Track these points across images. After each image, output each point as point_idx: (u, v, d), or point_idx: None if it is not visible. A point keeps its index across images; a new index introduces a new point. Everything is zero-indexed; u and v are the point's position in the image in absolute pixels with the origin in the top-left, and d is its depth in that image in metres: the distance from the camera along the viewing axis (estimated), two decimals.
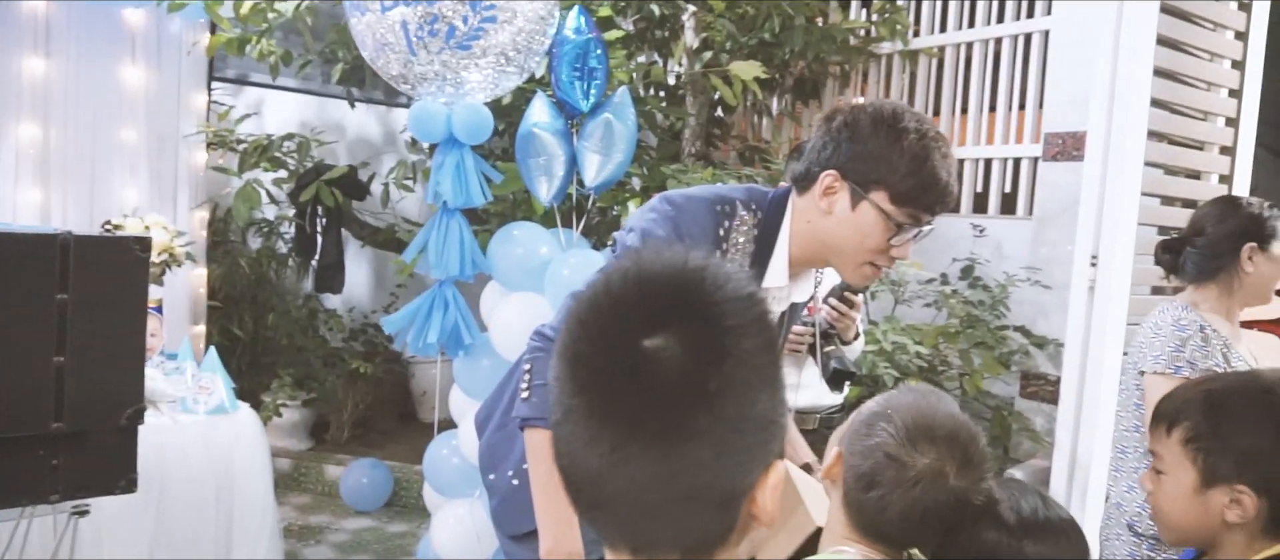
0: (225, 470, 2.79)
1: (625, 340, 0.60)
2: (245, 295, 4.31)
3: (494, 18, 2.45)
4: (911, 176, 1.31)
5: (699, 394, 0.60)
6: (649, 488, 0.60)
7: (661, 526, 0.62)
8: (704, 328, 0.60)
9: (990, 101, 4.02)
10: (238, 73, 4.61)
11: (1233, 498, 1.13)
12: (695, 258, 0.63)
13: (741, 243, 1.41)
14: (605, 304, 0.63)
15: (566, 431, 0.63)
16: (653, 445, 0.60)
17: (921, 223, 1.35)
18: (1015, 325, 3.48)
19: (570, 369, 0.63)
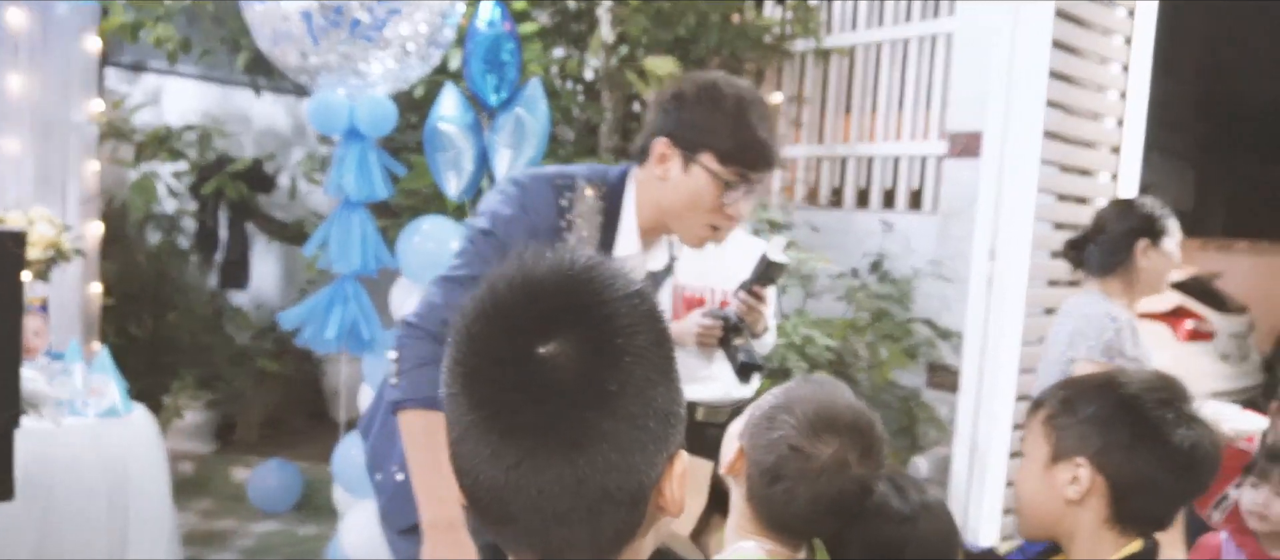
0: (118, 476, 2.67)
1: (520, 350, 0.60)
2: (143, 292, 4.13)
3: (398, 10, 2.41)
4: (733, 137, 1.40)
5: (600, 396, 0.60)
6: (559, 495, 0.60)
7: (573, 532, 0.62)
8: (598, 329, 0.61)
9: (898, 100, 4.12)
10: (133, 59, 4.41)
11: (1073, 475, 1.15)
12: (581, 259, 0.63)
13: (586, 216, 1.48)
14: (494, 313, 0.62)
15: (467, 449, 0.62)
16: (559, 453, 0.59)
17: (749, 181, 1.44)
18: (921, 318, 3.58)
19: (465, 385, 0.62)
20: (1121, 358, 2.02)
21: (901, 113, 4.09)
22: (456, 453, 0.64)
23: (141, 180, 3.63)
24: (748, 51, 4.33)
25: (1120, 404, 1.14)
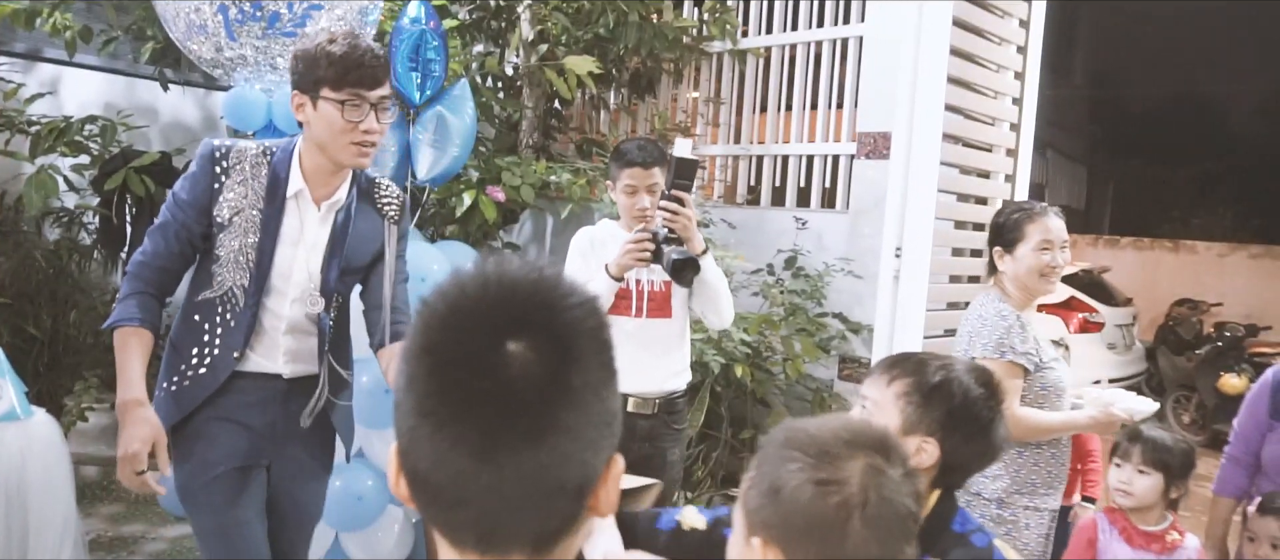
0: (16, 482, 2.56)
1: (491, 344, 0.63)
2: (41, 290, 3.96)
3: (320, 5, 2.39)
4: (332, 66, 1.75)
5: (564, 391, 0.65)
6: (516, 483, 0.64)
7: (522, 520, 0.66)
8: (563, 330, 0.65)
9: (812, 101, 4.26)
10: (28, 47, 4.21)
11: (919, 446, 1.37)
12: (548, 268, 0.68)
13: (248, 172, 1.85)
14: (467, 309, 0.65)
15: (425, 434, 0.65)
16: (523, 442, 0.63)
17: (362, 97, 1.77)
18: (833, 312, 3.72)
19: (431, 374, 0.65)
20: (1012, 353, 2.18)
21: (814, 113, 4.23)
22: (412, 438, 0.66)
23: (39, 174, 3.47)
24: (665, 51, 4.40)
25: (963, 394, 1.38)
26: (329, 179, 1.89)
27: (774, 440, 1.00)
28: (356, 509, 2.88)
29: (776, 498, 0.94)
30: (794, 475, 0.94)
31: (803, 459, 0.95)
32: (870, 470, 0.94)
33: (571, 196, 3.75)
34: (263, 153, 1.87)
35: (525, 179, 3.67)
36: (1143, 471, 2.21)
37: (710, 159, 4.58)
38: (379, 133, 1.82)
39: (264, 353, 1.92)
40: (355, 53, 1.75)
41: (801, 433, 0.98)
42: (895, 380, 1.41)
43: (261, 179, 1.85)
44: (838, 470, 0.93)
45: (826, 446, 0.95)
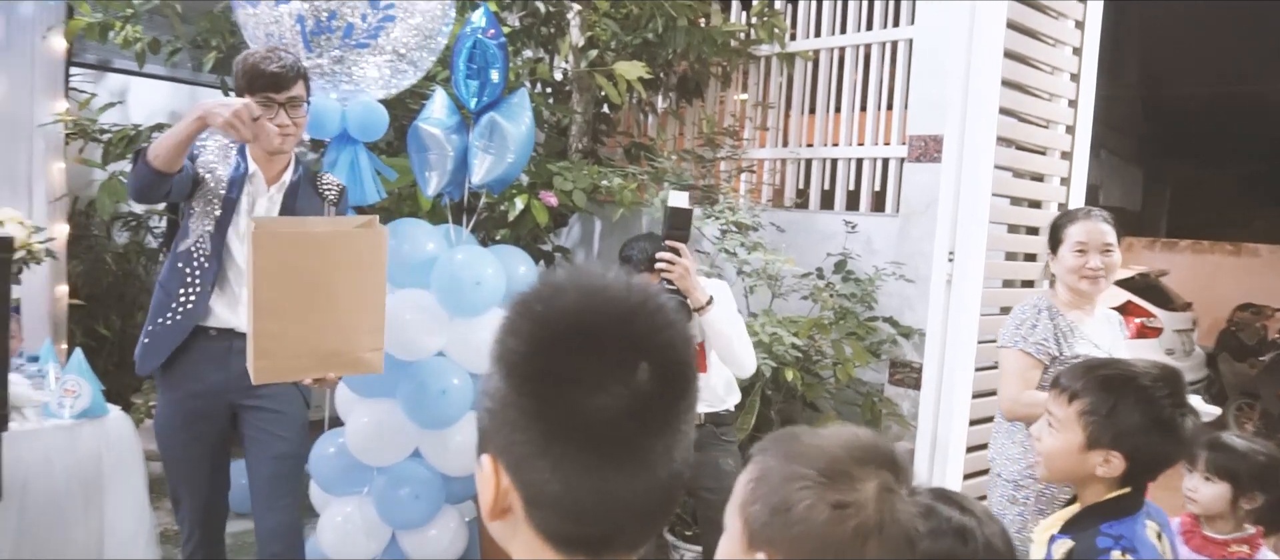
0: (94, 477, 2.68)
1: (621, 365, 0.65)
2: (111, 292, 4.10)
3: (393, 17, 2.46)
4: (244, 77, 2.23)
5: (679, 409, 0.68)
6: (637, 495, 0.67)
7: (635, 529, 0.69)
8: (676, 352, 0.68)
9: (861, 103, 4.25)
10: (99, 59, 4.37)
11: (1105, 458, 1.51)
12: (640, 287, 0.69)
13: (217, 152, 2.31)
14: (587, 335, 0.66)
15: (552, 453, 0.66)
16: (647, 458, 0.66)
17: (270, 102, 2.22)
18: (884, 316, 3.71)
19: (558, 395, 0.65)
20: (1023, 342, 2.33)
21: (863, 116, 4.22)
22: (531, 456, 0.66)
23: (110, 181, 3.61)
24: (714, 55, 4.42)
25: (1144, 406, 1.48)
26: (270, 164, 2.35)
27: (776, 451, 0.96)
28: (413, 508, 2.94)
29: (786, 516, 0.90)
30: (804, 494, 0.90)
31: (813, 478, 0.91)
32: (884, 491, 0.91)
33: (622, 200, 3.79)
34: (232, 140, 2.32)
35: (577, 183, 3.72)
36: (1208, 479, 2.18)
37: (758, 162, 4.59)
38: (292, 128, 2.28)
39: (228, 305, 2.30)
40: (265, 63, 2.23)
41: (809, 447, 0.94)
42: (1077, 398, 1.53)
43: (230, 160, 2.33)
44: (853, 492, 0.90)
45: (838, 464, 0.91)
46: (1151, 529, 1.54)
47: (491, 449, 0.70)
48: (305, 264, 2.02)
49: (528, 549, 0.70)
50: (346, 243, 2.09)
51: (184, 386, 2.33)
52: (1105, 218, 2.39)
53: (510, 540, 0.72)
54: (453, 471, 3.00)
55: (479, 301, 2.83)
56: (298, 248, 2.02)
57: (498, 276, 2.85)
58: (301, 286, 2.03)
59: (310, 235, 2.05)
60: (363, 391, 2.92)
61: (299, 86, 2.29)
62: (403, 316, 2.82)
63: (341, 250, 2.07)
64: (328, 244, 2.05)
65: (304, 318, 2.05)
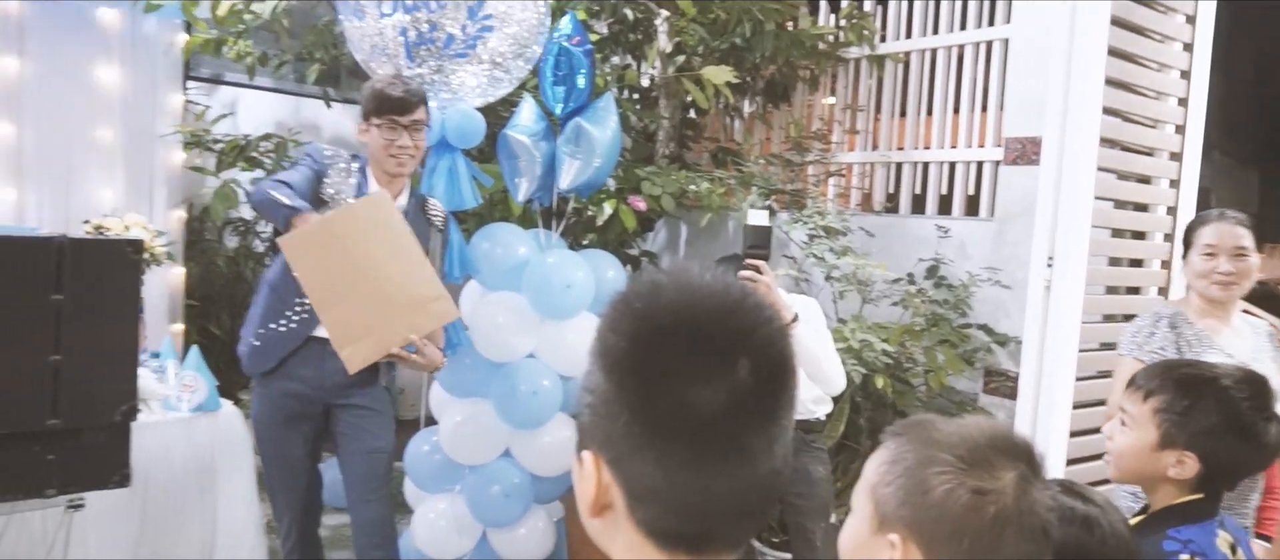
0: (208, 468, 2.83)
1: (725, 361, 0.66)
2: (222, 294, 4.32)
3: (491, 27, 2.54)
4: (371, 101, 2.37)
5: (780, 406, 0.68)
6: (741, 493, 0.67)
7: (738, 526, 0.70)
8: (777, 350, 0.68)
9: (954, 105, 4.15)
10: (212, 72, 4.62)
11: (1179, 459, 1.44)
12: (737, 284, 0.70)
13: (340, 171, 2.41)
14: (696, 326, 0.66)
15: (655, 448, 0.66)
16: (751, 455, 0.67)
17: (396, 125, 2.36)
18: (978, 323, 3.61)
19: (663, 391, 0.65)
20: (1138, 350, 2.25)
21: (957, 118, 4.12)
22: (635, 450, 0.67)
23: (223, 187, 3.81)
24: (802, 58, 4.39)
25: (1222, 408, 1.43)
26: (389, 186, 2.45)
27: (912, 435, 0.97)
28: (503, 506, 3.01)
29: (923, 499, 0.92)
30: (943, 479, 0.91)
31: (953, 463, 0.92)
32: (1022, 481, 0.92)
33: (709, 205, 3.79)
34: (352, 157, 2.46)
35: (665, 188, 3.74)
36: None
37: (847, 166, 4.53)
38: (413, 149, 2.40)
39: None
40: (392, 87, 2.35)
41: (948, 434, 0.95)
42: (1152, 395, 1.48)
43: (352, 179, 2.43)
44: (993, 480, 0.91)
45: (978, 452, 0.93)
46: (1224, 540, 1.44)
47: (592, 445, 0.71)
48: (331, 249, 2.16)
49: (628, 546, 0.70)
50: (354, 215, 2.21)
51: (282, 387, 2.45)
52: (1240, 220, 2.29)
53: (610, 537, 0.72)
54: (542, 471, 3.05)
55: (569, 304, 2.88)
56: (318, 239, 2.16)
57: (587, 280, 2.89)
58: (339, 269, 2.17)
59: (322, 221, 2.19)
60: (456, 391, 3.00)
61: (421, 111, 2.40)
62: (495, 318, 2.89)
63: (353, 223, 2.20)
64: (339, 223, 2.19)
65: (356, 293, 2.19)
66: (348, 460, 2.55)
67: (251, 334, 2.46)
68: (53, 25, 3.59)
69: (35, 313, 1.74)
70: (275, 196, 2.18)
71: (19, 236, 1.75)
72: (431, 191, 2.71)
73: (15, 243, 1.72)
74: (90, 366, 1.82)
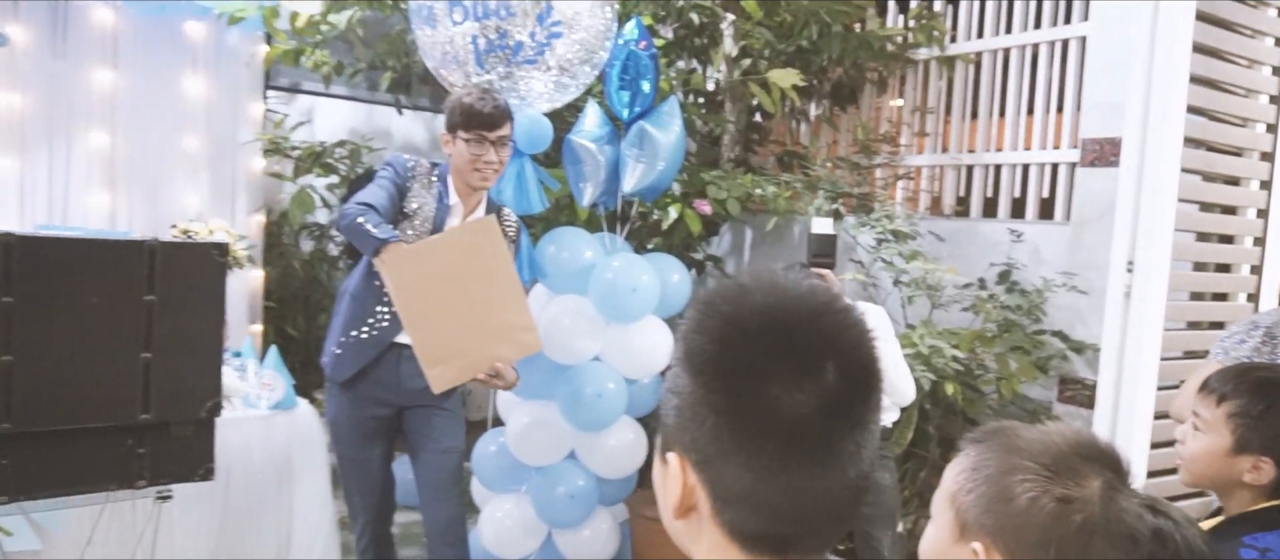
0: (285, 464, 2.93)
1: (811, 365, 0.66)
2: (298, 296, 4.46)
3: (559, 33, 2.57)
4: (459, 115, 2.39)
5: (867, 411, 0.68)
6: (828, 497, 0.67)
7: (822, 530, 0.69)
8: (865, 355, 0.68)
9: (1028, 106, 4.04)
10: (290, 81, 4.78)
11: (1255, 464, 1.42)
12: (822, 288, 0.70)
13: (421, 181, 2.44)
14: (783, 330, 0.67)
15: (744, 451, 0.66)
16: (846, 460, 0.67)
17: (483, 139, 2.38)
18: (1053, 330, 3.51)
19: (750, 393, 0.66)
20: (1226, 357, 2.12)
21: (1031, 119, 4.01)
22: (721, 453, 0.67)
23: (300, 193, 3.94)
24: (870, 60, 4.33)
25: None
26: (470, 198, 2.49)
27: (993, 442, 0.96)
28: (569, 508, 3.04)
29: (1007, 507, 0.91)
30: (1028, 486, 0.90)
31: (1037, 470, 0.90)
32: (1108, 489, 0.90)
33: (775, 209, 3.77)
34: (432, 168, 2.50)
35: (730, 192, 3.73)
36: None
37: (916, 169, 4.45)
38: (498, 163, 2.43)
39: None
40: (482, 102, 2.38)
41: (1031, 441, 0.94)
42: (1226, 399, 1.46)
43: (433, 190, 2.46)
44: (1079, 488, 0.89)
45: (1063, 459, 0.91)
46: None
47: (677, 447, 0.70)
48: (431, 272, 2.19)
49: (712, 548, 0.70)
50: (458, 240, 2.24)
51: (358, 391, 2.50)
52: None
53: (693, 539, 0.72)
54: (607, 474, 3.08)
55: (635, 308, 2.89)
56: (420, 260, 2.20)
57: (653, 284, 2.91)
58: (436, 292, 2.20)
59: (427, 243, 2.23)
60: (522, 393, 3.04)
61: (507, 125, 2.42)
62: (561, 321, 2.92)
63: (455, 248, 2.22)
64: (443, 247, 2.22)
65: (449, 317, 2.22)
66: (420, 460, 2.60)
67: (333, 343, 2.52)
68: (144, 38, 3.76)
69: (129, 312, 1.82)
70: (365, 227, 2.19)
71: (116, 239, 1.84)
72: (500, 195, 2.76)
73: (112, 245, 1.81)
74: (178, 364, 1.90)
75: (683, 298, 3.12)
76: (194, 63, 3.89)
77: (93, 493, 1.89)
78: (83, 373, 1.79)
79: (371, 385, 2.49)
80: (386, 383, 2.49)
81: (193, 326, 1.92)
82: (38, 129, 3.60)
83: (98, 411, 1.82)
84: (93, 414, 1.81)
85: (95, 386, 1.80)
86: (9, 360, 1.68)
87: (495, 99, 2.40)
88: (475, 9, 2.61)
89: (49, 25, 3.57)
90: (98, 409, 1.81)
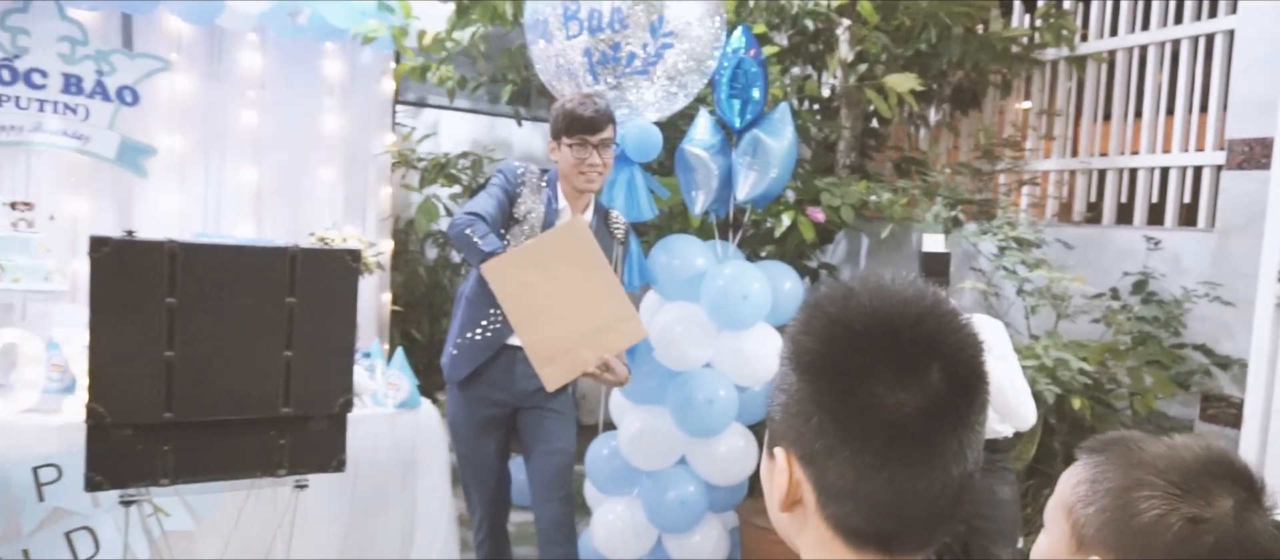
0: (409, 461, 3.08)
1: (918, 365, 0.67)
2: (422, 301, 4.68)
3: (671, 44, 2.62)
4: (562, 121, 2.48)
5: (972, 412, 0.69)
6: (935, 496, 0.68)
7: (927, 528, 0.71)
8: (970, 357, 0.69)
9: (1168, 106, 3.82)
10: (417, 96, 5.02)
11: None
12: (930, 289, 0.72)
13: (531, 187, 2.53)
14: (891, 330, 0.68)
15: (849, 448, 0.68)
16: (951, 461, 0.68)
17: (585, 143, 2.46)
18: (1194, 344, 3.30)
19: (855, 392, 0.67)
20: None
21: (1171, 120, 3.79)
22: (827, 450, 0.69)
23: (425, 203, 4.13)
24: (993, 63, 4.19)
25: None
26: (577, 202, 2.57)
27: (1115, 454, 0.93)
28: (679, 512, 3.07)
29: (1130, 524, 0.88)
30: (1153, 505, 0.87)
31: (1163, 486, 0.87)
32: (1241, 509, 0.85)
33: (891, 216, 3.70)
34: (541, 174, 2.57)
35: (845, 199, 3.69)
36: None
37: (1043, 174, 4.27)
38: (602, 167, 2.49)
39: None
40: (583, 107, 2.45)
41: (1157, 455, 0.90)
42: None
43: (542, 195, 2.54)
44: (1209, 508, 0.85)
45: (1191, 475, 0.87)
46: None
47: (784, 443, 0.73)
48: (529, 274, 2.28)
49: (817, 541, 0.72)
50: (551, 242, 2.32)
51: (477, 392, 2.61)
52: None
53: (798, 531, 0.74)
54: (717, 480, 3.09)
55: (746, 315, 2.90)
56: (519, 265, 2.28)
57: (764, 291, 2.90)
58: (539, 294, 2.29)
59: (522, 249, 2.32)
60: (635, 398, 3.09)
61: (610, 129, 2.49)
62: (672, 328, 2.96)
63: (550, 250, 2.30)
64: (537, 251, 2.30)
65: (554, 316, 2.30)
66: (532, 460, 2.69)
67: (450, 344, 2.65)
68: (286, 61, 4.03)
69: (272, 313, 1.97)
70: (473, 240, 2.30)
71: (261, 247, 1.99)
72: (612, 204, 2.82)
73: (259, 252, 1.97)
74: (315, 361, 2.04)
75: (795, 306, 3.10)
76: (331, 87, 4.14)
77: (240, 479, 2.05)
78: (233, 369, 1.94)
79: (486, 386, 2.60)
80: (501, 384, 2.59)
81: (328, 327, 2.05)
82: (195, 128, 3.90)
83: (246, 404, 1.97)
84: (241, 407, 1.97)
85: (244, 381, 1.96)
86: (171, 356, 1.84)
87: (596, 103, 2.47)
88: (590, 22, 2.69)
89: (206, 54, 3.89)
90: (246, 402, 1.97)
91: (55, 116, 3.55)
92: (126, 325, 1.81)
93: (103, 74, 3.62)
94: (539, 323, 2.30)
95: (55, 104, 3.55)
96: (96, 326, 1.80)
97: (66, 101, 3.57)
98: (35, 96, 3.51)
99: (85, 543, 2.53)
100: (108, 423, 1.84)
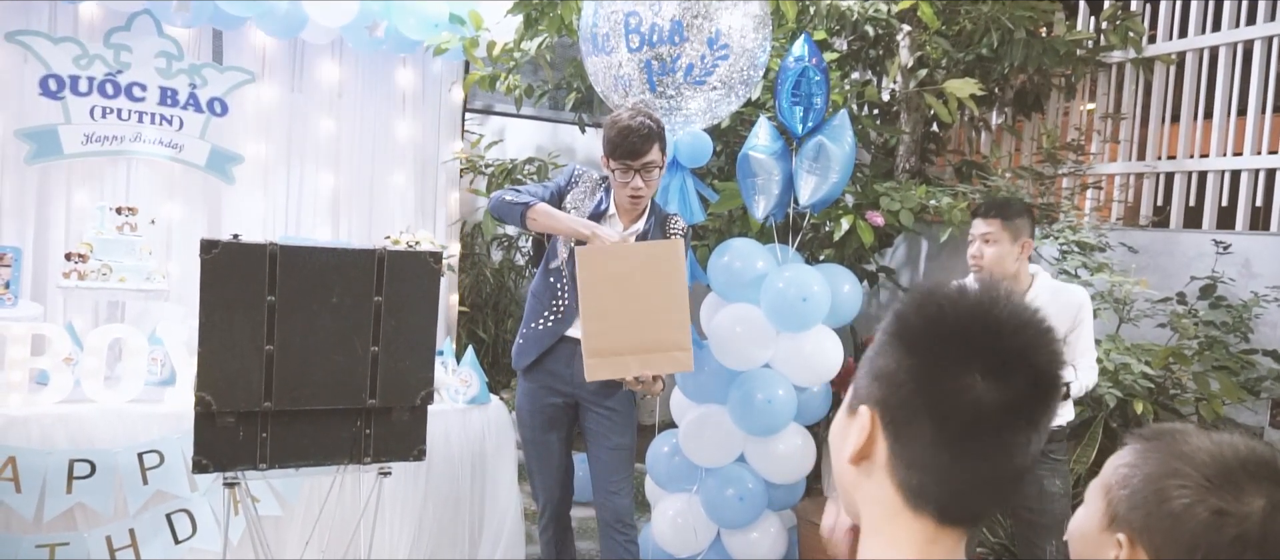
0: (479, 453, 3.21)
1: (1010, 370, 0.75)
2: (488, 302, 4.83)
3: (726, 56, 2.71)
4: (608, 144, 2.53)
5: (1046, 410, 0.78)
6: (1000, 481, 0.77)
7: (985, 506, 0.80)
8: (1051, 361, 0.77)
9: (1240, 107, 3.76)
10: (485, 104, 5.19)
11: None
12: (1015, 296, 0.80)
13: (586, 189, 2.64)
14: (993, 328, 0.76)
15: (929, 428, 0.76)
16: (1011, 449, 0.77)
17: (628, 168, 2.52)
18: (1265, 349, 3.25)
19: (951, 379, 0.75)
20: None
21: (1242, 122, 3.74)
22: (913, 427, 0.78)
23: None
24: (1056, 65, 4.17)
25: None
26: (629, 210, 2.64)
27: (1160, 442, 0.97)
28: (737, 509, 3.14)
29: (1159, 508, 0.93)
30: (1185, 493, 0.91)
31: (1197, 478, 0.91)
32: (1272, 509, 0.88)
33: (950, 220, 3.72)
34: (601, 180, 2.68)
35: (904, 203, 3.72)
36: None
37: (1108, 177, 4.23)
38: (644, 189, 2.56)
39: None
40: (625, 136, 2.48)
41: (1198, 448, 0.94)
42: None
43: (595, 199, 2.65)
44: (1238, 502, 0.89)
45: (1226, 470, 0.91)
46: None
47: (871, 403, 0.81)
48: (618, 274, 2.37)
49: (877, 497, 0.81)
50: (650, 253, 2.41)
51: (541, 381, 2.73)
52: None
53: (859, 484, 0.83)
54: (776, 478, 3.15)
55: (805, 317, 2.96)
56: (613, 260, 2.38)
57: (823, 293, 2.96)
58: (617, 293, 2.38)
59: (623, 247, 2.42)
60: (695, 397, 3.18)
61: (653, 151, 2.52)
62: (733, 329, 3.03)
63: (646, 260, 2.39)
64: (634, 255, 2.40)
65: (621, 317, 2.39)
66: (594, 455, 2.80)
67: (519, 335, 2.80)
68: (363, 72, 4.23)
69: (362, 310, 2.12)
70: (504, 198, 2.52)
71: (352, 249, 2.14)
72: (665, 206, 2.92)
73: (349, 253, 2.12)
74: (400, 356, 2.17)
75: (854, 308, 3.15)
76: (404, 101, 4.32)
77: (330, 465, 2.20)
78: (325, 362, 2.09)
79: (547, 375, 2.72)
80: (561, 374, 2.70)
81: (412, 324, 2.19)
82: (280, 133, 4.12)
83: (337, 395, 2.12)
84: (333, 397, 2.11)
85: (334, 374, 2.10)
86: (271, 349, 2.00)
87: (639, 130, 2.48)
88: (650, 36, 2.79)
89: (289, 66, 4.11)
90: (337, 393, 2.12)
91: (153, 127, 3.79)
92: (232, 321, 1.97)
93: (195, 86, 3.86)
94: (603, 317, 2.39)
95: (153, 115, 3.79)
96: (206, 322, 1.96)
97: (163, 113, 3.81)
98: (135, 108, 3.76)
99: (184, 524, 2.73)
100: (213, 410, 2.00)
